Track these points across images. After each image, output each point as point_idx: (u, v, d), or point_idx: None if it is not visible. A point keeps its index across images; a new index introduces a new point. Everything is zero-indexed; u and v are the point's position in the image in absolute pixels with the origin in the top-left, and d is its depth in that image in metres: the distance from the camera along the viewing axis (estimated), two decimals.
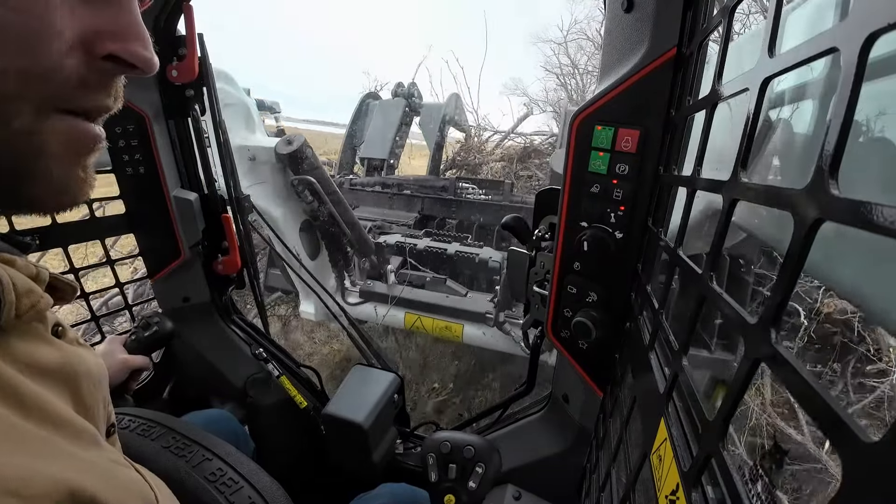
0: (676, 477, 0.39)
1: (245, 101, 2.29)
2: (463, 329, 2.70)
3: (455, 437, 0.72)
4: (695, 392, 0.40)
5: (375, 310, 2.84)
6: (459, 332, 2.71)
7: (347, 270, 2.93)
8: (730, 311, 0.32)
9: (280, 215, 2.48)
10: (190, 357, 1.28)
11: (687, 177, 0.49)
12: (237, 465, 0.71)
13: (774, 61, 0.31)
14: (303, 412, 1.23)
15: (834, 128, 0.22)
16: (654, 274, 0.64)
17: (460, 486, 0.66)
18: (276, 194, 2.46)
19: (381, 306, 2.84)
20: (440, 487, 0.68)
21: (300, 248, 2.66)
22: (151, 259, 1.20)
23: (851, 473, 0.19)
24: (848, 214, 0.20)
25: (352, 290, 2.99)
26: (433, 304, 2.76)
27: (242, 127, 2.28)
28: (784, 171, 0.96)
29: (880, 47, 0.20)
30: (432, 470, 0.68)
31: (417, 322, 2.81)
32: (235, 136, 2.17)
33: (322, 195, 2.40)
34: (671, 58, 0.58)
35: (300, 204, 2.49)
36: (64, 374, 0.30)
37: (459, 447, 0.68)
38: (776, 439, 2.28)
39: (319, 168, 2.42)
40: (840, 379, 2.69)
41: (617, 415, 0.67)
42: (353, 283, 2.99)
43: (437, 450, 0.69)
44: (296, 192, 2.41)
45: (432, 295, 2.80)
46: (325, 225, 2.58)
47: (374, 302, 2.88)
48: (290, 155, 2.29)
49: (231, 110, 2.18)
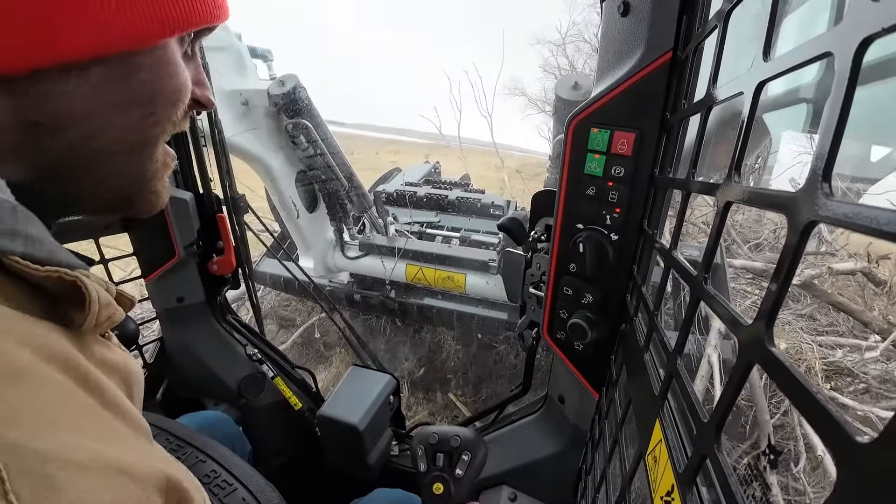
0: (671, 478, 0.39)
1: (237, 45, 2.19)
2: (466, 279, 2.63)
3: (442, 429, 0.75)
4: (689, 393, 0.40)
5: (383, 262, 2.76)
6: (462, 281, 2.65)
7: (346, 224, 2.85)
8: (724, 312, 0.33)
9: (275, 164, 2.39)
10: (184, 358, 1.27)
11: (682, 179, 0.49)
12: (231, 467, 0.70)
13: (769, 65, 0.31)
14: (298, 413, 1.22)
15: (827, 131, 0.22)
16: (649, 276, 0.65)
17: (448, 473, 0.68)
18: (270, 140, 2.36)
19: (382, 258, 2.75)
20: (429, 476, 0.69)
21: (297, 201, 2.57)
22: (145, 259, 1.19)
23: (845, 474, 0.19)
24: (840, 217, 0.21)
25: (351, 243, 2.90)
26: (434, 254, 2.69)
27: (234, 72, 2.18)
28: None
29: (873, 52, 0.20)
30: (421, 460, 0.70)
31: (419, 274, 2.74)
32: (227, 80, 2.10)
33: (318, 141, 2.32)
34: (667, 61, 0.58)
35: (296, 152, 2.40)
36: (122, 374, 0.33)
37: (446, 438, 0.71)
38: (770, 439, 2.29)
39: (314, 112, 2.33)
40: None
41: (612, 416, 0.67)
42: (353, 236, 2.91)
43: (425, 441, 0.71)
44: (291, 138, 2.32)
45: (433, 245, 2.75)
46: (322, 175, 2.49)
47: (375, 255, 2.80)
48: (283, 95, 2.20)
49: (223, 55, 2.10)
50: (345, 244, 2.92)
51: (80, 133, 0.31)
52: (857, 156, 1.34)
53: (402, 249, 2.73)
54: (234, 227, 1.23)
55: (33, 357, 0.25)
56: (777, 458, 1.91)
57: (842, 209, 0.21)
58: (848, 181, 2.45)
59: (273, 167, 2.39)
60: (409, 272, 2.76)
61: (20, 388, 0.23)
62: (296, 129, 2.29)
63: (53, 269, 0.28)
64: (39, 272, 0.27)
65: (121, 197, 0.37)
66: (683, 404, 0.42)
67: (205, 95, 0.41)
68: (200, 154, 1.16)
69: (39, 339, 0.26)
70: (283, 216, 2.69)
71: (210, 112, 1.12)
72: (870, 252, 3.68)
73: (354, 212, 2.78)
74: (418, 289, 3.30)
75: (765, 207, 0.30)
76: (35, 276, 0.27)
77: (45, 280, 0.28)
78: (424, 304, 2.95)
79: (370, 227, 2.91)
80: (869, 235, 0.18)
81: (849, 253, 3.73)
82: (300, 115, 2.27)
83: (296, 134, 2.30)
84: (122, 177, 0.36)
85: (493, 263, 2.54)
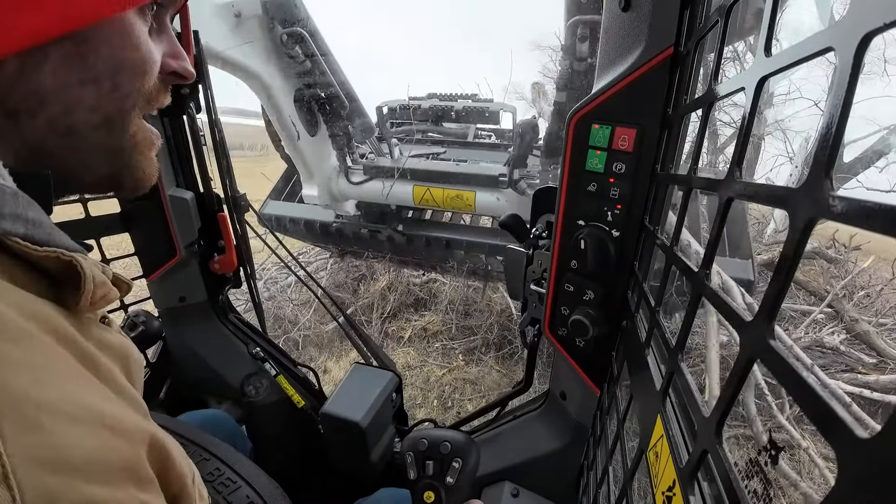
0: (673, 473, 0.39)
1: None
2: (475, 196, 2.53)
3: (432, 433, 0.74)
4: (691, 389, 0.40)
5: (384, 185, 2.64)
6: (472, 200, 2.55)
7: (349, 147, 2.70)
8: (726, 308, 0.33)
9: (272, 79, 2.25)
10: (186, 357, 1.28)
11: (683, 175, 0.49)
12: (235, 465, 0.70)
13: (771, 61, 0.31)
14: (300, 411, 1.22)
15: (829, 127, 0.22)
16: (650, 272, 0.65)
17: (439, 481, 0.67)
18: (266, 54, 2.22)
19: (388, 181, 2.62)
20: (419, 485, 0.69)
21: (297, 121, 2.44)
22: (147, 259, 1.19)
23: (846, 468, 0.19)
24: (843, 213, 0.21)
25: (355, 168, 2.76)
26: (442, 172, 2.57)
27: None
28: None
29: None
30: (411, 468, 0.70)
31: (427, 195, 2.63)
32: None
33: (316, 55, 2.19)
34: (668, 57, 0.58)
35: (293, 66, 2.25)
36: (120, 354, 0.35)
37: (436, 444, 0.70)
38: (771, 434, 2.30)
39: (311, 23, 2.19)
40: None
41: (614, 412, 0.67)
42: (356, 160, 2.77)
43: (414, 448, 0.70)
44: (286, 51, 2.17)
45: (440, 164, 2.63)
46: (321, 91, 2.35)
47: (380, 178, 2.67)
48: (277, 3, 2.07)
49: None
50: (349, 169, 2.77)
51: (55, 110, 0.33)
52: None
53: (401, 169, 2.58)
54: (234, 226, 1.23)
55: (36, 328, 0.27)
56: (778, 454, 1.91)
57: (844, 205, 0.21)
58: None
59: (270, 83, 2.25)
60: (416, 193, 2.64)
61: (22, 348, 0.25)
62: (291, 39, 2.14)
63: (52, 250, 0.29)
64: (38, 252, 0.29)
65: (108, 173, 0.39)
66: (685, 400, 0.42)
67: (182, 67, 0.41)
68: (200, 153, 1.16)
69: (42, 314, 0.28)
70: (284, 139, 2.55)
71: (210, 111, 1.12)
72: (835, 238, 4.42)
73: (356, 136, 2.65)
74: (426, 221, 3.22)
75: (766, 203, 0.30)
76: (34, 256, 0.29)
77: (43, 260, 0.29)
78: (433, 235, 2.87)
79: (373, 150, 2.77)
80: (872, 231, 0.18)
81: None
82: (296, 24, 2.12)
83: (291, 45, 2.15)
84: (103, 150, 0.37)
85: (503, 178, 2.43)
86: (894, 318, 3.57)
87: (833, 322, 3.33)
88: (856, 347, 3.14)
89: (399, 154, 2.68)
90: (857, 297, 3.83)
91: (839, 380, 2.78)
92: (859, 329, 3.09)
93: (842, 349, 3.10)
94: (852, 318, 3.14)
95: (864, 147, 5.31)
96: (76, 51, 0.33)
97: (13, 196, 0.29)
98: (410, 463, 0.71)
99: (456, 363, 3.42)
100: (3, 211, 0.27)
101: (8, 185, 0.29)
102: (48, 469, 0.22)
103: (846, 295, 3.72)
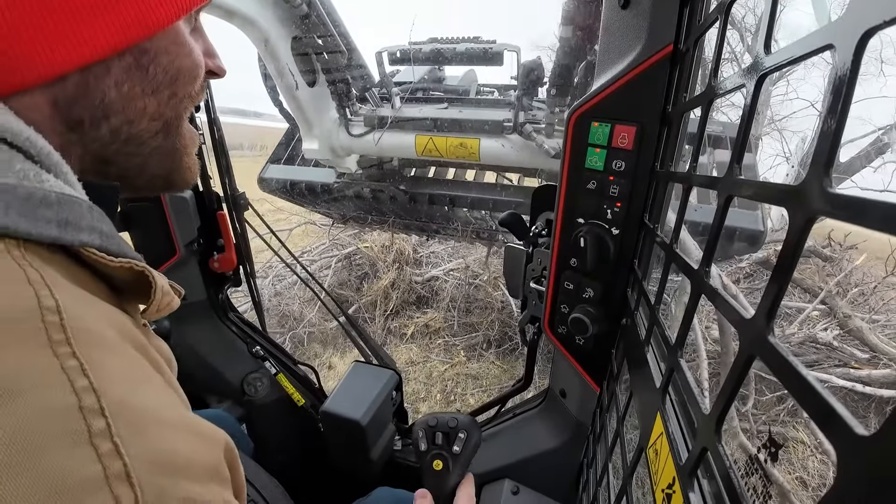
0: (673, 471, 0.39)
1: None
2: (480, 143, 2.44)
3: (439, 413, 0.83)
4: (691, 387, 0.40)
5: (385, 135, 2.55)
6: (476, 147, 2.45)
7: (349, 97, 2.62)
8: (725, 306, 0.33)
9: (268, 24, 2.14)
10: (186, 356, 1.28)
11: (683, 173, 0.49)
12: None
13: (770, 58, 0.31)
14: (300, 410, 1.23)
15: (828, 124, 0.22)
16: (650, 270, 0.65)
17: (446, 451, 0.76)
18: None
19: (389, 133, 2.53)
20: (429, 455, 0.77)
21: (294, 70, 2.35)
22: (146, 257, 1.18)
23: (845, 466, 0.19)
24: (842, 210, 0.21)
25: (355, 120, 2.68)
26: (445, 119, 2.49)
27: None
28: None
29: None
30: (421, 441, 0.78)
31: (429, 144, 2.53)
32: None
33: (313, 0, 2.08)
34: (668, 54, 0.58)
35: (290, 11, 2.14)
36: (167, 359, 0.36)
37: (444, 420, 0.79)
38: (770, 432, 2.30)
39: None
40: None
41: (613, 410, 0.67)
42: (356, 112, 2.69)
43: (424, 425, 0.80)
44: None
45: (443, 111, 2.55)
46: (318, 38, 2.25)
47: (381, 129, 2.57)
48: None
49: None
50: (349, 122, 2.69)
51: (119, 121, 0.34)
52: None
53: (402, 117, 2.48)
54: (234, 225, 1.23)
55: (117, 335, 0.28)
56: (777, 452, 1.91)
57: (844, 202, 0.21)
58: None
59: (266, 28, 2.15)
60: (418, 143, 2.54)
61: (114, 358, 0.26)
62: None
63: (126, 261, 0.31)
64: (114, 262, 0.30)
65: (163, 173, 0.41)
66: (685, 397, 0.42)
67: (216, 65, 0.43)
68: (200, 152, 1.16)
69: (118, 322, 0.29)
70: (282, 90, 2.46)
71: (209, 111, 1.12)
72: (830, 236, 4.53)
73: (356, 87, 2.57)
74: (429, 179, 3.14)
75: (766, 201, 0.29)
76: (109, 267, 0.30)
77: (117, 270, 0.31)
78: (436, 193, 2.81)
79: (373, 104, 2.70)
80: (871, 229, 0.18)
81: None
82: None
83: None
84: (160, 154, 0.39)
85: (507, 124, 2.36)
86: (888, 315, 3.60)
87: (827, 318, 3.37)
88: (849, 343, 3.17)
89: (399, 103, 2.60)
90: (850, 293, 3.88)
91: (832, 374, 2.81)
92: (853, 325, 3.11)
93: (835, 345, 3.12)
94: (846, 314, 3.17)
95: (859, 147, 5.32)
96: (137, 63, 0.34)
97: (89, 209, 0.30)
98: (421, 437, 0.78)
99: (458, 359, 3.45)
100: (81, 224, 0.29)
101: (83, 198, 0.31)
102: (157, 470, 0.24)
103: (840, 292, 3.77)
